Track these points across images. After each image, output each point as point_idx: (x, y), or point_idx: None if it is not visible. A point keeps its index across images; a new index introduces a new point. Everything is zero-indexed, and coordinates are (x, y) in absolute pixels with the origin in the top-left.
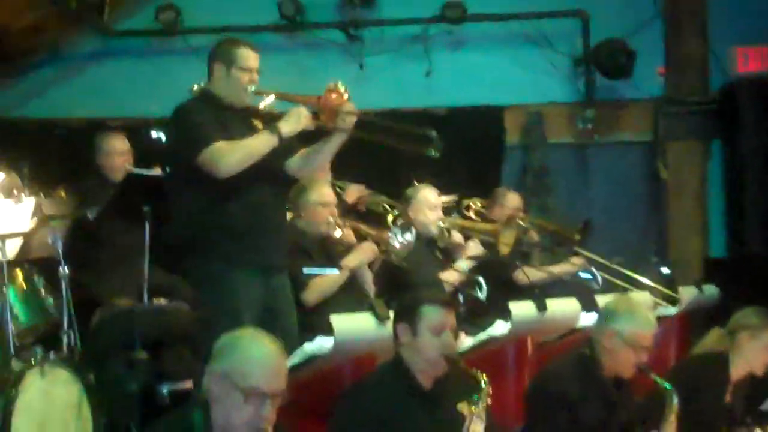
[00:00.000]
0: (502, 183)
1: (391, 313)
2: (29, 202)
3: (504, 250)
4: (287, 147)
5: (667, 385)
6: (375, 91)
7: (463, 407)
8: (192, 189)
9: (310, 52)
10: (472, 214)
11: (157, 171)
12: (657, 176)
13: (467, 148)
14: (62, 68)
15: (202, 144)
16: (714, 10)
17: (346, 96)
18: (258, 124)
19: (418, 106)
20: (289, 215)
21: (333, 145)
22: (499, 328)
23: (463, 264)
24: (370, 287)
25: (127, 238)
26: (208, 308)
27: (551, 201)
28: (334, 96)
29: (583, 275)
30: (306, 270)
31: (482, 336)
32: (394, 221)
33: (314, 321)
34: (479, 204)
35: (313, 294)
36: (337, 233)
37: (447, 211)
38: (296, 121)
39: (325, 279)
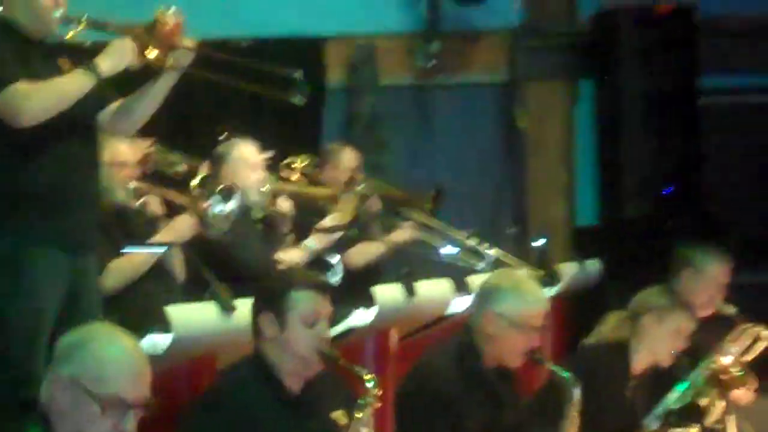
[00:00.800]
0: (323, 135)
1: (239, 303)
2: None
3: (343, 219)
4: (100, 94)
5: (566, 374)
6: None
7: (339, 416)
8: None
9: None
10: (293, 176)
11: None
12: (514, 125)
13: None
14: None
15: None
16: None
17: (179, 25)
18: (64, 62)
19: (216, 36)
20: None
21: (161, 89)
22: (360, 317)
23: (312, 241)
24: (180, 271)
25: None
26: None
27: (385, 158)
28: (165, 26)
29: (446, 251)
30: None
31: (338, 328)
32: (203, 184)
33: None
34: (304, 162)
35: (110, 279)
36: (138, 202)
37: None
38: (120, 55)
39: (129, 260)
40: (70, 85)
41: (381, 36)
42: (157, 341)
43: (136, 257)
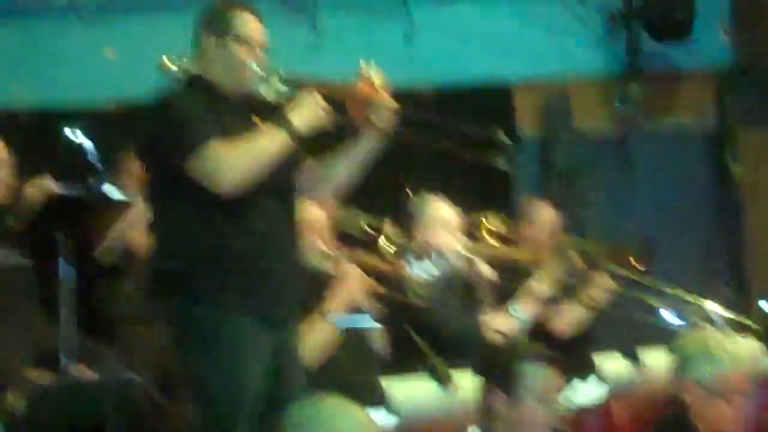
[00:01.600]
0: (514, 189)
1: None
2: None
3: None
4: (294, 153)
5: None
6: (333, 63)
7: None
8: (181, 206)
9: None
10: (485, 236)
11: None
12: (726, 173)
13: (464, 142)
14: None
15: (196, 144)
16: None
17: (379, 83)
18: (259, 121)
19: (395, 84)
20: None
21: (359, 152)
22: (587, 392)
23: (519, 309)
24: (384, 343)
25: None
26: (195, 368)
27: (586, 212)
28: (364, 83)
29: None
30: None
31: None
32: (391, 243)
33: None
34: (495, 221)
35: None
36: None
37: None
38: (311, 111)
39: (321, 331)
40: (266, 145)
41: (575, 78)
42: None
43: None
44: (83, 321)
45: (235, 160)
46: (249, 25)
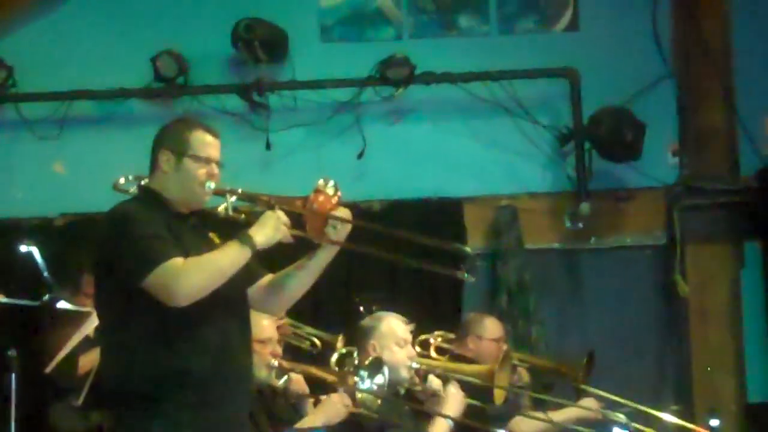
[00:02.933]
0: (464, 306)
1: None
2: None
3: (499, 397)
4: (250, 268)
5: None
6: (285, 178)
7: None
8: (132, 322)
9: None
10: (432, 352)
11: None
12: (674, 292)
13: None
14: None
15: (153, 262)
16: (742, 70)
17: (336, 197)
18: (214, 238)
19: (347, 198)
20: None
21: (318, 264)
22: None
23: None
24: None
25: None
26: None
27: (535, 329)
28: (321, 197)
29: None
30: None
31: None
32: (342, 360)
33: None
34: (440, 338)
35: None
36: (282, 380)
37: None
38: (273, 228)
39: None
40: (226, 259)
41: (525, 196)
42: None
43: None
44: None
45: (193, 275)
46: (207, 144)
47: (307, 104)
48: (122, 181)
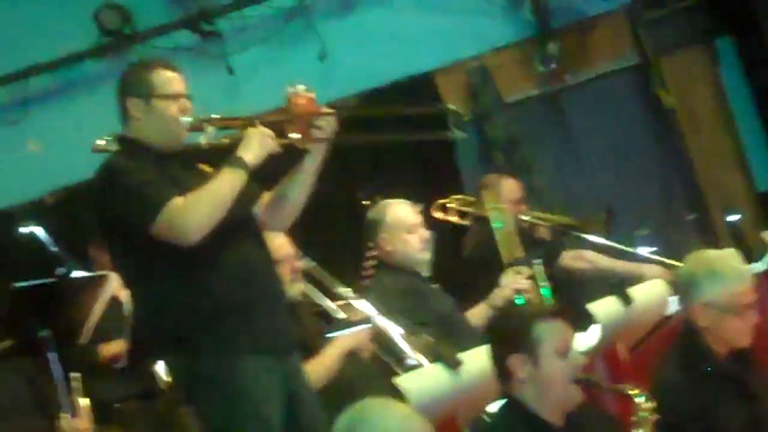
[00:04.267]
0: (462, 173)
1: (468, 355)
2: None
3: None
4: (249, 188)
5: None
6: (253, 99)
7: None
8: (154, 268)
9: None
10: (451, 216)
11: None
12: (659, 107)
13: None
14: None
15: (155, 208)
16: None
17: (312, 99)
18: (205, 167)
19: (321, 102)
20: None
21: (312, 167)
22: (584, 339)
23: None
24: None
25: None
26: (218, 419)
27: (536, 179)
28: (301, 101)
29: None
30: (330, 334)
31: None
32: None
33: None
34: (458, 202)
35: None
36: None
37: None
38: (259, 143)
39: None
40: (224, 186)
41: (492, 52)
42: None
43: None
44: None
45: (197, 209)
46: (169, 80)
47: (258, 20)
48: (101, 143)
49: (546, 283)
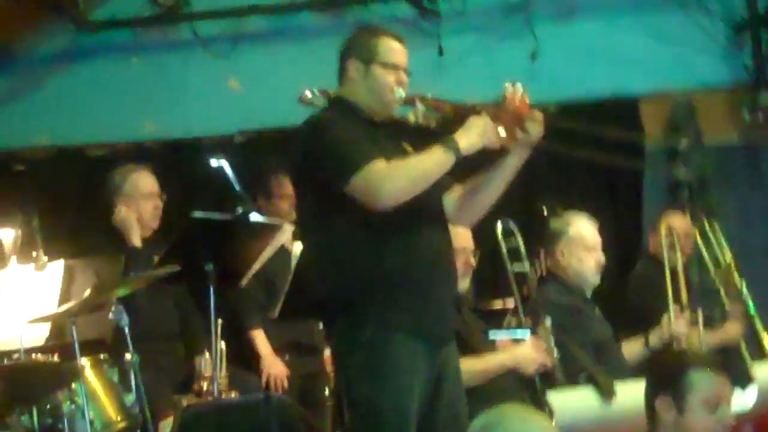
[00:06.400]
0: (646, 203)
1: (622, 387)
2: (56, 266)
3: None
4: (442, 178)
5: None
6: (458, 83)
7: None
8: (337, 229)
9: None
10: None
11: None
12: None
13: (592, 157)
14: (19, 77)
15: (357, 165)
16: None
17: (525, 100)
18: (407, 147)
19: None
20: None
21: (510, 170)
22: (740, 399)
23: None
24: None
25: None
26: (361, 390)
27: (717, 224)
28: (514, 103)
29: None
30: (492, 335)
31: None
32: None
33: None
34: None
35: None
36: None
37: None
38: (481, 134)
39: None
40: (430, 163)
41: (701, 90)
42: None
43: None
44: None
45: (398, 177)
46: (394, 50)
47: (477, 7)
48: (308, 94)
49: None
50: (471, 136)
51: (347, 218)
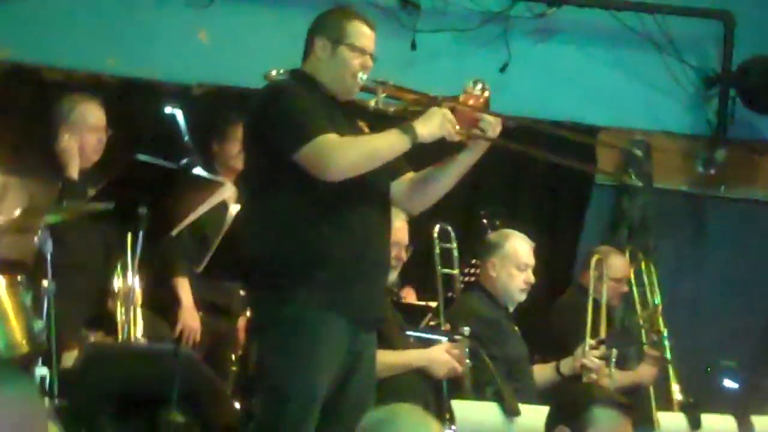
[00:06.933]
0: (584, 234)
1: (527, 408)
2: None
3: None
4: (395, 164)
5: None
6: (427, 79)
7: None
8: (279, 198)
9: None
10: None
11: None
12: None
13: (541, 178)
14: None
15: (309, 134)
16: None
17: (487, 100)
18: (364, 127)
19: None
20: None
21: (463, 165)
22: None
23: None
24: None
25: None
26: (272, 362)
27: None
28: (471, 100)
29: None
30: (410, 332)
31: None
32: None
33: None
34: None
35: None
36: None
37: None
38: (439, 124)
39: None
40: (384, 143)
41: (660, 134)
42: None
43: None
44: (148, 295)
45: (349, 151)
46: (364, 34)
47: (458, 9)
48: (274, 73)
49: None
50: (429, 125)
51: (290, 188)
